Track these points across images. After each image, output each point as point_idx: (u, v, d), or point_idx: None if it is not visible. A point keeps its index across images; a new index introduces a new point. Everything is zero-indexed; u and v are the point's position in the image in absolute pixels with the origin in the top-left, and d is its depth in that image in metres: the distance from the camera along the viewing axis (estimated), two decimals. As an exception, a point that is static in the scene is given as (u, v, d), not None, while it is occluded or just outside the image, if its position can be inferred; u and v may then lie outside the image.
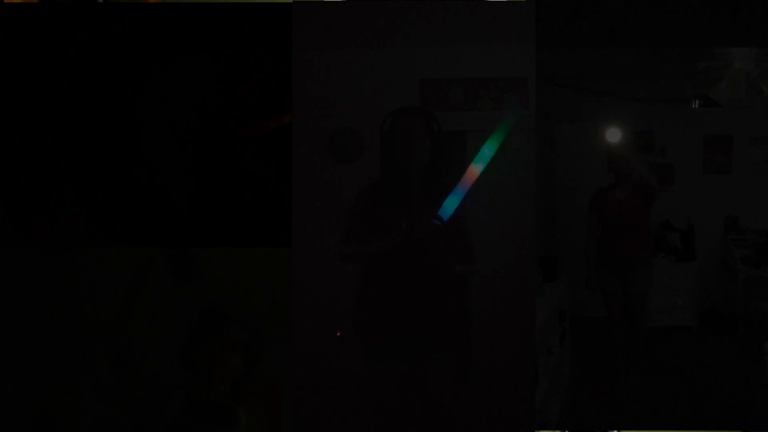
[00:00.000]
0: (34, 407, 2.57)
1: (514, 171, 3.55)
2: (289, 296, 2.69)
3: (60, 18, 2.75)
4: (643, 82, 5.09)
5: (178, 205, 2.79)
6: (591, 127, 5.36)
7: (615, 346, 3.98)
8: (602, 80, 5.06)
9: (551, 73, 4.62)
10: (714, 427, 3.23)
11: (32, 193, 2.73)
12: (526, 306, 3.24)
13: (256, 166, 2.83)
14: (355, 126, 3.78)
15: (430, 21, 3.48)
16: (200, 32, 2.78)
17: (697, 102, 4.57)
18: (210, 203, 2.78)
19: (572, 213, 5.02)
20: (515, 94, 3.71)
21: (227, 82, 2.82)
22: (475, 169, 2.34)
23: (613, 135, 3.71)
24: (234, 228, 2.77)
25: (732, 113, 5.07)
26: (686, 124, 5.38)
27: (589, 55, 4.29)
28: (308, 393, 3.06)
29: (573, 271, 4.28)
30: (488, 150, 2.37)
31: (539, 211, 3.94)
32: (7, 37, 2.74)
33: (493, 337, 3.49)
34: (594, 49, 3.90)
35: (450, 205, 2.30)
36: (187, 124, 2.79)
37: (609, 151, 3.86)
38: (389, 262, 2.42)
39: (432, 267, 2.43)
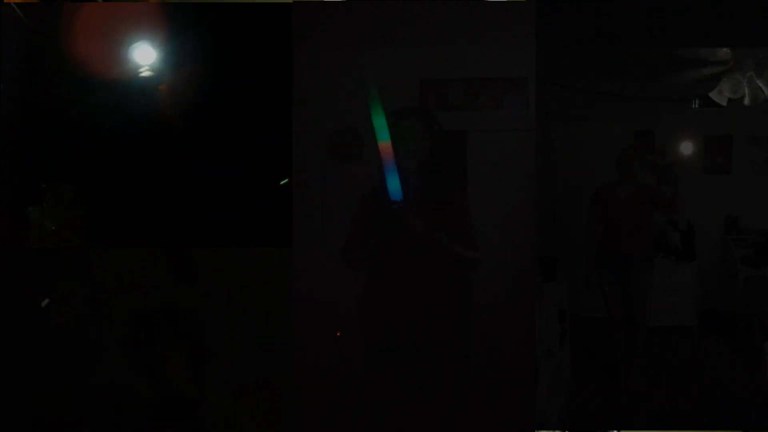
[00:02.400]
0: (34, 407, 2.57)
1: (514, 171, 3.55)
2: (289, 296, 2.69)
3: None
4: (643, 82, 5.08)
5: (178, 205, 2.79)
6: (591, 127, 5.37)
7: (615, 346, 3.98)
8: (602, 80, 5.05)
9: (551, 73, 4.61)
10: (714, 427, 3.23)
11: (32, 193, 2.73)
12: (526, 306, 3.24)
13: (256, 167, 2.83)
14: (355, 126, 3.77)
15: (430, 21, 3.48)
16: (200, 32, 2.78)
17: (697, 102, 4.57)
18: (210, 203, 2.78)
19: (572, 213, 5.01)
20: (515, 94, 3.71)
21: (227, 82, 2.82)
22: (386, 145, 2.34)
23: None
24: (234, 228, 2.77)
25: (732, 113, 5.07)
26: (686, 124, 5.38)
27: (589, 55, 4.28)
28: (308, 393, 3.06)
29: (573, 271, 4.27)
30: (378, 122, 2.36)
31: (539, 211, 3.93)
32: (7, 37, 2.74)
33: (493, 337, 3.49)
34: (594, 49, 3.89)
35: (393, 186, 2.31)
36: (187, 124, 2.79)
37: (621, 151, 3.85)
38: (391, 263, 2.42)
39: (433, 267, 2.43)
